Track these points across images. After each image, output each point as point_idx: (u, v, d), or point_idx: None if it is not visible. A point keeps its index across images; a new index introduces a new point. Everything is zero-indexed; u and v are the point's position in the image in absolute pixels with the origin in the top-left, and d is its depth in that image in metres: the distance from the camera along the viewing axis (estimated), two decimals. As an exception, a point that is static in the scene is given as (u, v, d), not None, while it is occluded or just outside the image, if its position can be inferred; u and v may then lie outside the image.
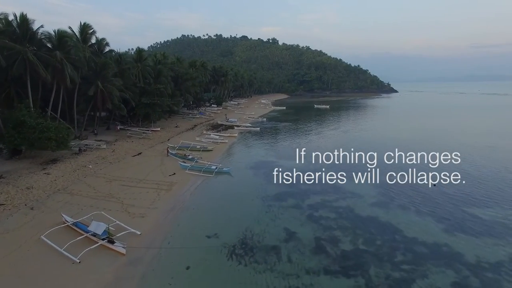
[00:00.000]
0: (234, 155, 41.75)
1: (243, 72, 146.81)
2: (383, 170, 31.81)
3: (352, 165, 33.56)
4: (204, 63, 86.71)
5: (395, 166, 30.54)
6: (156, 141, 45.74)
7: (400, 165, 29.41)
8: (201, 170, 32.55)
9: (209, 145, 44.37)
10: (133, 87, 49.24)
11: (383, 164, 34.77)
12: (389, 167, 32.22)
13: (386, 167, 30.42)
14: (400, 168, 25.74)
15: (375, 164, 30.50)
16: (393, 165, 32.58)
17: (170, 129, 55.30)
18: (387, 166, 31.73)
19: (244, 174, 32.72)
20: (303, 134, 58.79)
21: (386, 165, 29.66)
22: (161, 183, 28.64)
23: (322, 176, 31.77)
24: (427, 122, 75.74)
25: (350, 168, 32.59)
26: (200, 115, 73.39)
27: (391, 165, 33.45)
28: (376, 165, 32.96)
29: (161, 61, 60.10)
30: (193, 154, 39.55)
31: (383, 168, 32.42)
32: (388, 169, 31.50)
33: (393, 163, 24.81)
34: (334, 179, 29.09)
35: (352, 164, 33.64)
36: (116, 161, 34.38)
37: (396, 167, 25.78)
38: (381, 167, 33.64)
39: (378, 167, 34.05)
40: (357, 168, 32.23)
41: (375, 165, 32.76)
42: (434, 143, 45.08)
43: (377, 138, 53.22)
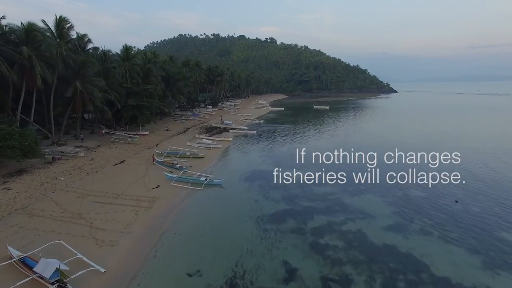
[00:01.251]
0: (228, 162, 38.00)
1: (240, 72, 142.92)
2: (398, 185, 28.25)
3: (361, 181, 30.23)
4: (199, 62, 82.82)
5: (414, 180, 26.92)
6: (143, 147, 41.91)
7: (418, 177, 25.76)
8: (189, 182, 28.83)
9: (201, 151, 40.61)
10: (119, 88, 45.37)
11: (397, 176, 31.27)
12: (405, 180, 28.50)
13: (402, 180, 26.81)
14: (422, 185, 22.23)
15: (392, 181, 26.86)
16: (410, 179, 28.88)
17: (160, 133, 51.46)
18: (402, 179, 28.05)
19: (237, 186, 28.98)
20: (302, 137, 55.10)
21: (402, 179, 26.04)
22: (142, 199, 24.89)
23: (326, 189, 28.41)
24: (436, 124, 72.32)
25: (360, 183, 29.03)
26: (194, 117, 69.57)
27: (406, 177, 29.73)
28: (391, 181, 29.47)
29: (151, 60, 56.20)
30: (182, 162, 35.79)
31: (397, 182, 28.67)
32: (405, 183, 27.80)
33: (410, 178, 21.06)
34: (340, 194, 25.52)
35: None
36: (94, 171, 30.55)
37: (415, 181, 22.25)
38: (395, 179, 30.17)
39: (391, 180, 30.60)
40: (366, 184, 28.61)
41: (391, 181, 29.30)
42: (450, 147, 41.63)
43: (388, 143, 49.65)
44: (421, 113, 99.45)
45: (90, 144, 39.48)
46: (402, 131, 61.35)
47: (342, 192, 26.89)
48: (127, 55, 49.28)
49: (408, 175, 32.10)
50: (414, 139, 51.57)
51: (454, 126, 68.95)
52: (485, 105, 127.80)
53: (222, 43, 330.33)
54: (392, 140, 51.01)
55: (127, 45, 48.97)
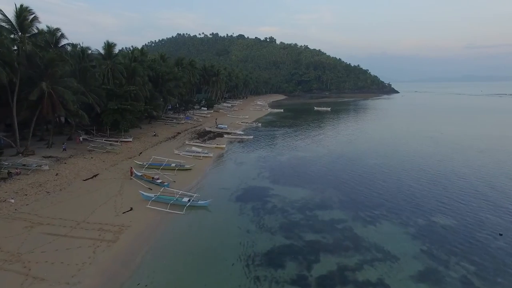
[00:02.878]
0: (218, 176, 33.15)
1: (238, 72, 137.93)
2: (421, 208, 23.57)
3: (375, 200, 24.95)
4: (193, 61, 77.84)
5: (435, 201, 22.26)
6: (123, 156, 37.06)
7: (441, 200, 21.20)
8: (169, 203, 24.08)
9: (189, 162, 35.80)
10: (98, 89, 40.55)
11: (419, 196, 26.46)
12: (426, 202, 23.83)
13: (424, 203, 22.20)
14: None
15: (413, 202, 22.22)
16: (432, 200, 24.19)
17: (146, 139, 46.58)
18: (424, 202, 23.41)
19: (226, 209, 24.18)
20: (303, 144, 50.32)
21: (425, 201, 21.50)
22: (107, 228, 20.11)
23: (333, 213, 22.41)
24: (453, 127, 67.62)
25: (373, 205, 24.06)
26: (186, 120, 64.70)
27: (430, 197, 25.04)
28: (411, 202, 24.67)
29: (138, 58, 51.30)
30: (165, 176, 31.02)
31: (419, 203, 23.95)
32: (429, 205, 23.15)
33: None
34: (351, 222, 20.76)
35: (374, 201, 25.78)
36: (57, 189, 25.72)
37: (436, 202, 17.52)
38: (417, 200, 25.51)
39: (412, 201, 25.90)
40: (382, 207, 23.72)
41: (412, 202, 24.56)
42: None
43: (402, 152, 44.86)
44: (431, 115, 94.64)
45: (62, 154, 34.65)
46: (417, 136, 56.55)
47: (353, 219, 22.12)
48: (109, 52, 44.44)
49: (432, 195, 27.25)
50: (431, 148, 46.64)
51: (477, 131, 64.19)
52: (499, 107, 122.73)
53: (220, 43, 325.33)
54: (406, 148, 46.12)
55: (109, 42, 44.13)
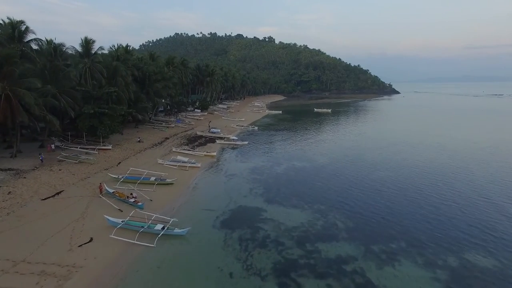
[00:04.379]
0: (204, 192, 28.60)
1: (235, 72, 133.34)
2: (450, 243, 19.24)
3: (389, 228, 20.49)
4: (184, 61, 73.18)
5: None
6: (98, 167, 32.54)
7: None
8: (139, 231, 19.64)
9: (172, 174, 31.34)
10: (72, 91, 36.03)
11: (445, 227, 22.09)
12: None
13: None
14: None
15: (438, 235, 18.00)
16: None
17: (129, 146, 42.02)
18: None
19: (208, 241, 19.69)
20: (303, 152, 45.92)
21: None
22: (51, 271, 15.66)
23: (340, 248, 17.79)
24: (468, 133, 63.29)
25: (389, 238, 19.39)
26: (177, 124, 60.17)
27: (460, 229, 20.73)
28: (437, 235, 20.36)
29: (121, 57, 46.74)
30: (142, 192, 26.54)
31: (447, 237, 19.74)
32: (460, 241, 19.00)
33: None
34: (363, 261, 15.75)
35: (389, 226, 20.54)
36: (4, 213, 21.21)
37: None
38: (443, 233, 20.97)
39: (436, 233, 21.39)
40: (399, 241, 19.17)
41: (438, 235, 20.18)
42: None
43: (419, 164, 40.29)
44: (437, 117, 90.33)
45: (25, 165, 30.14)
46: (426, 142, 52.15)
47: (365, 257, 17.64)
48: (87, 50, 39.92)
49: (459, 222, 22.80)
50: (445, 156, 42.04)
51: (491, 136, 59.89)
52: (505, 109, 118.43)
53: (219, 42, 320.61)
54: (417, 157, 41.47)
55: (87, 38, 39.57)
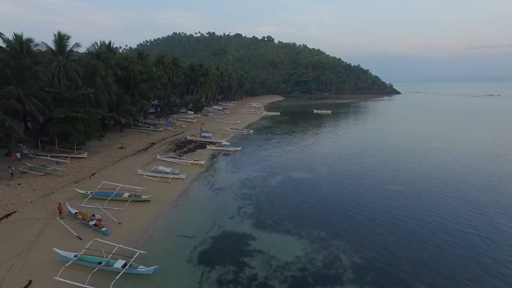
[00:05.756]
0: (184, 212, 24.53)
1: (232, 72, 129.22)
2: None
3: (408, 264, 16.30)
4: (176, 60, 69.06)
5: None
6: (68, 180, 28.54)
7: None
8: (95, 268, 15.70)
9: (151, 187, 27.38)
10: (42, 93, 32.06)
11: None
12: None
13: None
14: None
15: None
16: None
17: (109, 153, 37.95)
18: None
19: (179, 283, 15.71)
20: (301, 159, 42.00)
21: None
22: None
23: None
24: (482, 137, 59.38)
25: (410, 277, 15.75)
26: (166, 127, 56.15)
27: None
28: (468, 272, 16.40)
29: (102, 55, 42.70)
30: (112, 211, 22.57)
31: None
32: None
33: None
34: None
35: (408, 263, 16.46)
36: None
37: None
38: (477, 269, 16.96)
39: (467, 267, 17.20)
40: (424, 281, 15.34)
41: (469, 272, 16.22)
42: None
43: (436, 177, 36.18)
44: (442, 119, 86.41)
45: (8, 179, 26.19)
46: (437, 148, 48.23)
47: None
48: (61, 47, 35.92)
49: (488, 263, 18.63)
50: (459, 166, 37.83)
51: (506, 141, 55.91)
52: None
53: (217, 42, 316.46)
54: (429, 166, 37.24)
55: (61, 33, 35.56)
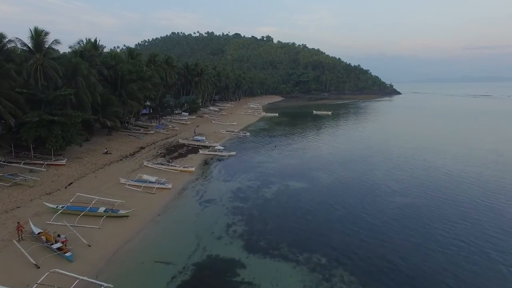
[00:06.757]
0: (165, 231, 21.47)
1: (229, 72, 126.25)
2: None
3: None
4: (169, 59, 66.01)
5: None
6: (40, 191, 25.57)
7: None
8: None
9: (134, 199, 24.45)
10: (13, 94, 29.12)
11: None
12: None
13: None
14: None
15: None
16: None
17: (92, 159, 34.97)
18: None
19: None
20: (300, 166, 39.12)
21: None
22: None
23: None
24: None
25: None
26: (158, 130, 53.21)
27: None
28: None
29: (85, 54, 39.72)
30: (82, 229, 19.61)
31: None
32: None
33: None
34: None
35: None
36: None
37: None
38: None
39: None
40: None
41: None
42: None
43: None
44: (447, 121, 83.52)
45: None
46: (448, 155, 45.24)
47: None
48: (38, 44, 32.97)
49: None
50: (480, 180, 33.49)
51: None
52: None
53: (216, 41, 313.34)
54: (445, 180, 33.39)
55: (38, 28, 32.62)
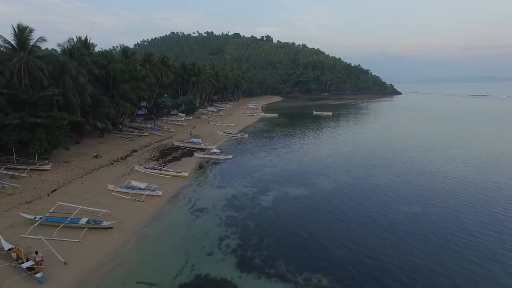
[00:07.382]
0: (151, 246, 19.63)
1: (228, 71, 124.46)
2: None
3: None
4: (165, 58, 64.23)
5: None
6: (19, 200, 23.79)
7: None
8: None
9: (120, 208, 22.66)
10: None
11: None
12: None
13: None
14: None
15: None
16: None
17: (80, 163, 33.17)
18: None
19: None
20: (299, 171, 37.33)
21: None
22: None
23: None
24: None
25: None
26: (152, 131, 51.40)
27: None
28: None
29: (75, 52, 37.93)
30: (60, 242, 17.81)
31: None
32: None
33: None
34: None
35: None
36: None
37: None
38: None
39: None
40: None
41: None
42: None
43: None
44: (451, 122, 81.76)
45: None
46: (457, 159, 43.34)
47: None
48: (22, 41, 31.17)
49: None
50: (495, 186, 31.64)
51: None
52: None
53: (215, 41, 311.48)
54: (453, 187, 31.32)
55: (21, 25, 30.82)
